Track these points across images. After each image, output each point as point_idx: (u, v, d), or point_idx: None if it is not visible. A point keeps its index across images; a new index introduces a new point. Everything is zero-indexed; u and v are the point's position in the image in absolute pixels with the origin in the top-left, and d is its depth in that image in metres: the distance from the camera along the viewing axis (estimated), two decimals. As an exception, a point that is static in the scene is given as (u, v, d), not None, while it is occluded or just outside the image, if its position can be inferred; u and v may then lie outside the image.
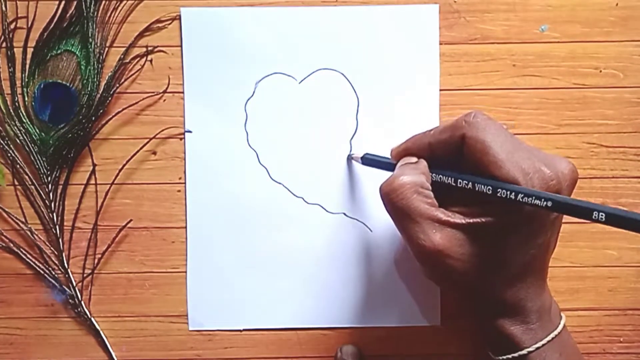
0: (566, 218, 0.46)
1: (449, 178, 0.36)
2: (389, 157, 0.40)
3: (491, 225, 0.34)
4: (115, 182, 0.45)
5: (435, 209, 0.34)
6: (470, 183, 0.34)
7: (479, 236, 0.34)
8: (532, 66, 0.45)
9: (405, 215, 0.35)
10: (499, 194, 0.33)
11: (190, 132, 0.45)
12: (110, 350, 0.46)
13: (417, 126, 0.45)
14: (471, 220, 0.34)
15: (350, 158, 0.45)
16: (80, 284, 0.46)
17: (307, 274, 0.46)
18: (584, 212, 0.31)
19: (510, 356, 0.36)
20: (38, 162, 0.45)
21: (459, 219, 0.34)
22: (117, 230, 0.46)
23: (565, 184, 0.34)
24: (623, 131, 0.46)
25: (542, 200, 0.31)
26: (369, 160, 0.42)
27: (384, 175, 0.38)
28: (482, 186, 0.34)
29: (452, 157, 0.36)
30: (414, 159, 0.37)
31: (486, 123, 0.34)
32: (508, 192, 0.32)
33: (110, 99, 0.45)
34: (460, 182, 0.35)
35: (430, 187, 0.36)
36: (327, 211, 0.46)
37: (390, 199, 0.35)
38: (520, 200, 0.32)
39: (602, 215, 0.30)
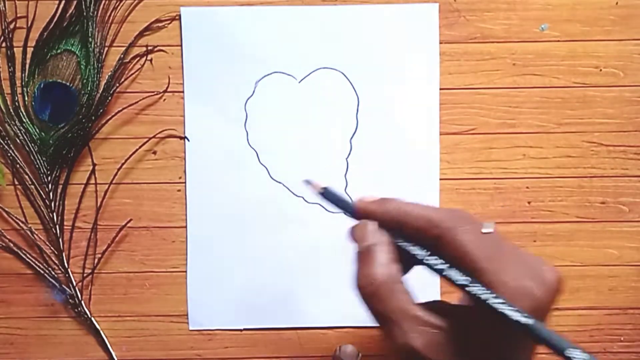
0: (568, 216, 0.46)
1: (430, 266, 0.32)
2: (349, 200, 0.35)
3: (477, 333, 0.30)
4: (115, 181, 0.45)
5: (413, 306, 0.31)
6: (456, 281, 0.30)
7: (460, 341, 0.30)
8: (532, 65, 0.45)
9: (383, 316, 0.31)
10: (484, 304, 0.29)
11: (188, 140, 0.45)
12: (110, 350, 0.46)
13: (417, 126, 0.45)
14: (455, 324, 0.30)
15: (307, 183, 0.37)
16: (80, 283, 0.46)
17: (307, 274, 0.46)
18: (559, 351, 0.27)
19: None
20: (38, 162, 0.45)
21: (438, 320, 0.31)
22: (117, 230, 0.46)
23: (550, 298, 0.31)
24: (623, 130, 0.46)
25: (522, 325, 0.28)
26: (329, 195, 0.37)
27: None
28: (472, 292, 0.30)
29: (421, 243, 0.32)
30: (373, 236, 0.33)
31: (467, 226, 0.31)
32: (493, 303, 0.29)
33: (110, 98, 0.45)
34: (440, 273, 0.31)
35: (402, 278, 0.32)
36: (327, 211, 0.46)
37: (369, 302, 0.32)
38: (505, 315, 0.28)
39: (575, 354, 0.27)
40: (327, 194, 0.37)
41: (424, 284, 0.34)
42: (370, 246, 0.33)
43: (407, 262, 0.32)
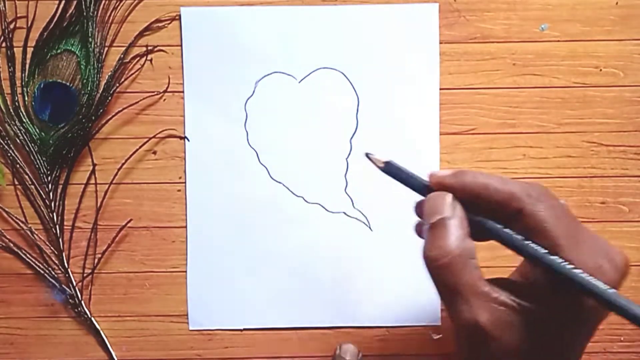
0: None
1: (508, 240, 0.31)
2: (419, 176, 0.34)
3: (546, 314, 0.30)
4: (115, 181, 0.45)
5: (483, 283, 0.30)
6: (531, 254, 0.30)
7: (531, 322, 0.30)
8: (532, 65, 0.45)
9: (452, 290, 0.30)
10: (567, 278, 0.29)
11: (188, 140, 0.45)
12: (110, 350, 0.46)
13: (417, 126, 0.45)
14: (524, 303, 0.30)
15: (368, 157, 0.36)
16: (80, 283, 0.46)
17: (307, 274, 0.46)
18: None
19: None
20: (38, 162, 0.45)
21: (508, 298, 0.30)
22: (117, 230, 0.46)
23: (619, 278, 0.31)
24: (623, 130, 0.46)
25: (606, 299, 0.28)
26: (393, 169, 0.35)
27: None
28: (550, 265, 0.30)
29: (497, 216, 0.32)
30: (448, 209, 0.32)
31: (549, 201, 0.31)
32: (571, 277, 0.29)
33: (110, 98, 0.45)
34: (516, 247, 0.31)
35: (475, 253, 0.31)
36: (327, 210, 0.46)
37: (439, 273, 0.31)
38: (584, 286, 0.29)
39: None
40: (391, 169, 0.35)
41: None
42: (446, 218, 0.31)
43: (475, 237, 0.31)
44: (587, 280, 0.29)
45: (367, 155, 0.36)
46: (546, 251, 0.30)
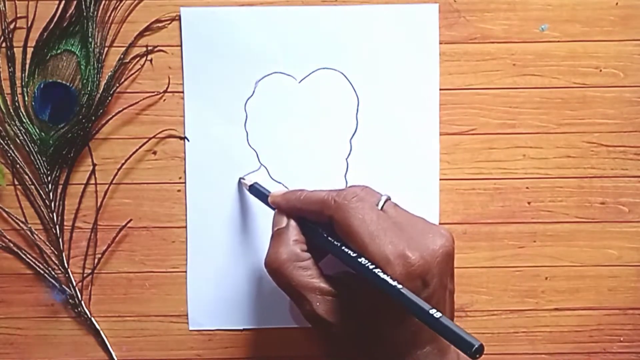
0: (568, 217, 0.46)
1: (321, 242, 0.37)
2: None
3: (367, 298, 0.34)
4: (115, 181, 0.45)
5: (317, 279, 0.36)
6: (340, 255, 0.35)
7: (356, 307, 0.35)
8: (532, 65, 0.45)
9: (290, 290, 0.36)
10: (360, 271, 0.34)
11: (188, 140, 0.45)
12: (110, 350, 0.46)
13: (417, 126, 0.45)
14: (351, 292, 0.35)
15: (240, 180, 0.45)
16: (80, 283, 0.46)
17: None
18: (419, 311, 0.31)
19: None
20: (38, 162, 0.45)
21: (339, 290, 0.35)
22: (117, 230, 0.46)
23: (433, 263, 0.33)
24: (623, 130, 0.46)
25: (388, 287, 0.32)
26: (255, 191, 0.43)
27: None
28: (346, 259, 0.35)
29: (323, 225, 0.37)
30: (284, 222, 0.38)
31: (354, 205, 0.35)
32: (367, 271, 0.33)
33: (110, 98, 0.45)
34: (333, 251, 0.36)
35: (307, 255, 0.37)
36: (327, 211, 0.46)
37: (274, 276, 0.36)
38: (376, 283, 0.32)
39: (437, 315, 0.30)
40: (253, 190, 0.43)
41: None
42: (279, 229, 0.38)
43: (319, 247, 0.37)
44: (378, 273, 0.32)
45: (240, 179, 0.45)
46: (350, 252, 0.34)
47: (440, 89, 0.45)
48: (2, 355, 0.46)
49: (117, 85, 0.45)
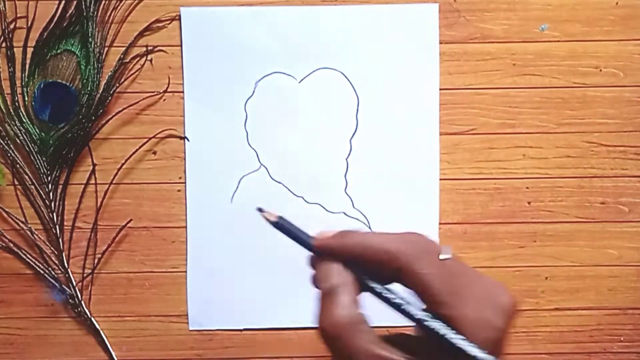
0: (567, 216, 0.46)
1: (388, 301, 0.32)
2: (309, 235, 0.34)
3: None
4: (115, 181, 0.45)
5: (376, 346, 0.32)
6: (415, 318, 0.31)
7: None
8: (532, 65, 0.45)
9: (347, 358, 0.32)
10: (440, 337, 0.30)
11: (188, 140, 0.45)
12: (110, 350, 0.46)
13: (417, 126, 0.45)
14: (415, 357, 0.31)
15: (259, 211, 0.34)
16: (80, 284, 0.46)
17: (307, 274, 0.46)
18: None
19: None
20: (38, 162, 0.45)
21: (402, 357, 0.31)
22: (117, 230, 0.46)
23: (507, 324, 0.31)
24: (623, 130, 0.46)
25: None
26: (283, 226, 0.34)
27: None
28: (430, 328, 0.30)
29: (384, 274, 0.33)
30: (337, 278, 0.33)
31: (425, 256, 0.32)
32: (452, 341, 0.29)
33: (110, 98, 0.45)
34: (398, 311, 0.32)
35: (365, 318, 0.32)
36: (327, 210, 0.46)
37: (331, 343, 0.32)
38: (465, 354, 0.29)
39: None
40: (281, 226, 0.34)
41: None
42: (333, 287, 0.32)
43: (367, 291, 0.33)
44: (466, 345, 0.29)
45: (258, 209, 0.34)
46: (425, 314, 0.30)
47: (440, 89, 0.45)
48: (2, 355, 0.46)
49: (117, 85, 0.45)
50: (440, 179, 0.46)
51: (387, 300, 0.32)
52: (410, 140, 0.45)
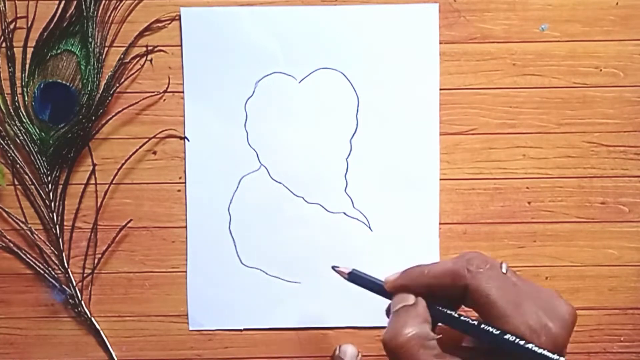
0: (568, 217, 0.46)
1: (455, 323, 0.34)
2: (380, 280, 0.37)
3: None
4: (115, 181, 0.45)
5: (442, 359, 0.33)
6: (484, 335, 0.33)
7: None
8: (532, 65, 0.45)
9: None
10: (508, 349, 0.31)
11: (188, 140, 0.45)
12: (110, 350, 0.46)
13: (417, 126, 0.45)
14: None
15: (334, 269, 0.39)
16: (80, 284, 0.46)
17: (307, 274, 0.46)
18: None
19: None
20: (38, 162, 0.45)
21: None
22: (117, 230, 0.46)
23: (567, 333, 0.32)
24: (623, 130, 0.46)
25: None
26: (357, 278, 0.39)
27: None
28: (485, 335, 0.32)
29: (451, 297, 0.35)
30: (411, 299, 0.35)
31: (490, 273, 0.33)
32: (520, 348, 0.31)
33: (110, 98, 0.45)
34: (469, 330, 0.33)
35: (434, 336, 0.34)
36: (327, 211, 0.46)
37: (395, 355, 0.34)
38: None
39: None
40: (354, 278, 0.39)
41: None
42: (407, 306, 0.35)
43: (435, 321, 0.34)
44: (541, 351, 0.30)
45: (333, 267, 0.39)
46: (498, 331, 0.31)
47: (440, 89, 0.45)
48: (2, 355, 0.46)
49: (117, 85, 0.45)
50: (440, 179, 0.46)
51: (460, 325, 0.34)
52: (410, 140, 0.45)
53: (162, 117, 0.45)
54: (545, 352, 0.30)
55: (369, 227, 0.46)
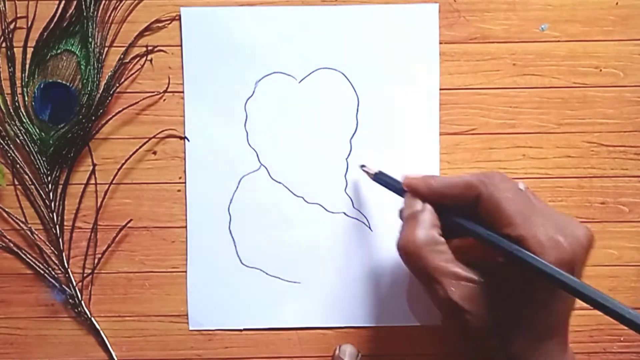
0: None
1: (465, 229, 0.35)
2: (398, 180, 0.39)
3: (510, 284, 0.33)
4: (115, 181, 0.46)
5: (452, 264, 0.34)
6: (488, 239, 0.34)
7: (497, 293, 0.33)
8: (532, 65, 0.45)
9: (424, 274, 0.34)
10: (515, 257, 0.32)
11: (188, 140, 0.45)
12: (110, 350, 0.46)
13: (417, 125, 0.45)
14: (489, 278, 0.33)
15: (362, 168, 0.44)
16: (80, 283, 0.46)
17: (307, 274, 0.46)
18: (598, 304, 0.31)
19: None
20: (38, 162, 0.45)
21: (476, 276, 0.34)
22: (117, 230, 0.46)
23: (580, 252, 0.33)
24: (623, 130, 0.46)
25: (556, 280, 0.31)
26: (381, 179, 0.42)
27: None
28: (499, 246, 0.33)
29: (462, 207, 0.36)
30: (419, 205, 0.36)
31: (503, 184, 0.34)
32: (524, 260, 0.32)
33: (110, 98, 0.45)
34: (477, 236, 0.34)
35: (443, 240, 0.35)
36: (327, 211, 0.46)
37: (408, 259, 0.35)
38: (535, 269, 0.31)
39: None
40: (379, 178, 0.42)
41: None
42: (416, 212, 0.36)
43: (448, 235, 0.36)
44: (536, 259, 0.31)
45: (361, 166, 0.44)
46: (506, 242, 0.33)
47: (440, 89, 0.45)
48: (2, 355, 0.46)
49: (117, 85, 0.45)
50: (440, 179, 0.45)
51: (473, 231, 0.35)
52: (410, 140, 0.45)
53: (162, 117, 0.45)
54: (547, 264, 0.31)
55: (369, 227, 0.46)
